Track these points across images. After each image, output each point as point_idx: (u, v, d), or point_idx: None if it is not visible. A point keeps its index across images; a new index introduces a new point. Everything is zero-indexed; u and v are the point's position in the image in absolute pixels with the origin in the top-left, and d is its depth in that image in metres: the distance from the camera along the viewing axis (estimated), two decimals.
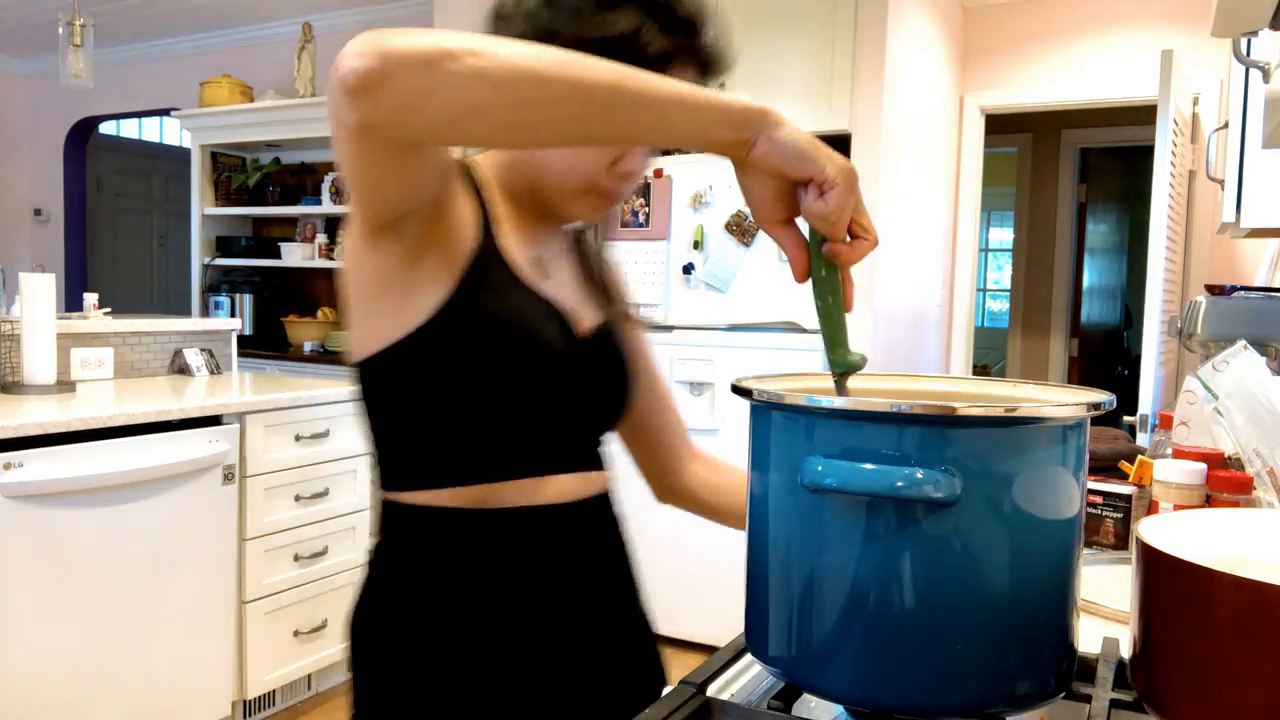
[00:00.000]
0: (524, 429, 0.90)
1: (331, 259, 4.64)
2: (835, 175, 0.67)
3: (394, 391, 0.88)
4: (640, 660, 1.03)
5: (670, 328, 3.38)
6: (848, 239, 0.71)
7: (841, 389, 0.73)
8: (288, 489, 2.73)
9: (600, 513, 0.99)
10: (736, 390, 0.70)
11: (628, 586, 1.02)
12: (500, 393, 0.87)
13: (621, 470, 1.12)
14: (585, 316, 0.98)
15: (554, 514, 0.92)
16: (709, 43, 0.91)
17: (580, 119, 0.69)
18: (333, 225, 4.87)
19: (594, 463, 0.98)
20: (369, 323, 0.87)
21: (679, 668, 0.79)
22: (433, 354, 0.85)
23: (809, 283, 0.73)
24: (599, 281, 1.03)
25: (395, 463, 0.91)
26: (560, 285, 0.97)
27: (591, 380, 0.96)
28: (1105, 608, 1.01)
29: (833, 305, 0.73)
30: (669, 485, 1.14)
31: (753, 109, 0.69)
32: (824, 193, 0.68)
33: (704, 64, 0.91)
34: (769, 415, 0.67)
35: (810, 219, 0.70)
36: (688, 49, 0.88)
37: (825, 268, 0.72)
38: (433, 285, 0.85)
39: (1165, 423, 1.58)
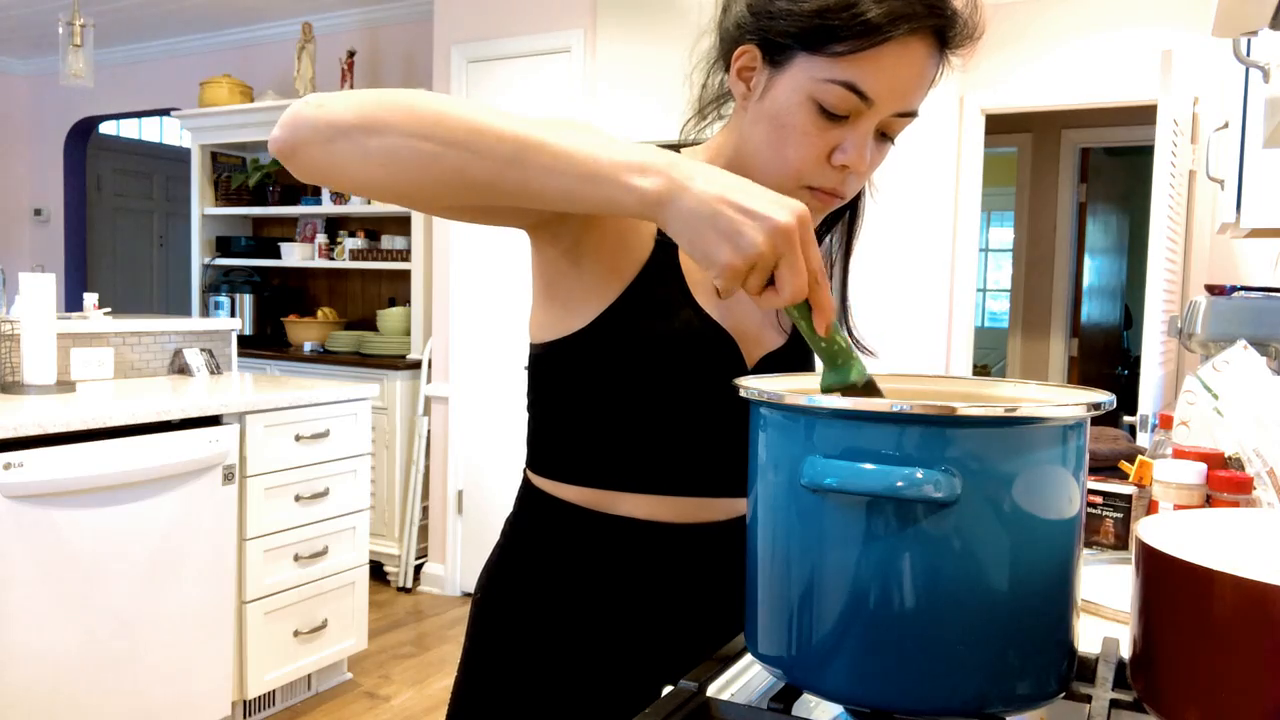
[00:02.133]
0: (658, 448, 0.89)
1: (331, 259, 4.63)
2: (721, 260, 0.67)
3: (549, 385, 0.91)
4: None
5: None
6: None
7: None
8: (288, 489, 2.73)
9: (714, 540, 0.93)
10: (737, 390, 0.70)
11: (713, 621, 0.95)
12: (642, 410, 0.87)
13: None
14: (765, 341, 0.93)
15: (663, 532, 0.91)
16: (948, 8, 0.80)
17: (472, 193, 0.70)
18: (333, 225, 4.87)
19: (722, 488, 0.93)
20: (539, 315, 0.91)
21: None
22: (587, 360, 0.86)
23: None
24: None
25: (538, 448, 0.95)
26: (745, 302, 0.91)
27: (739, 409, 0.94)
28: (1105, 608, 1.01)
29: (808, 332, 0.74)
30: None
31: (648, 196, 0.67)
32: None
33: (941, 31, 0.80)
34: (769, 415, 0.67)
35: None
36: (918, 14, 0.78)
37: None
38: (597, 292, 0.85)
39: (1165, 423, 1.58)
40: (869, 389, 0.74)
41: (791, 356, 0.96)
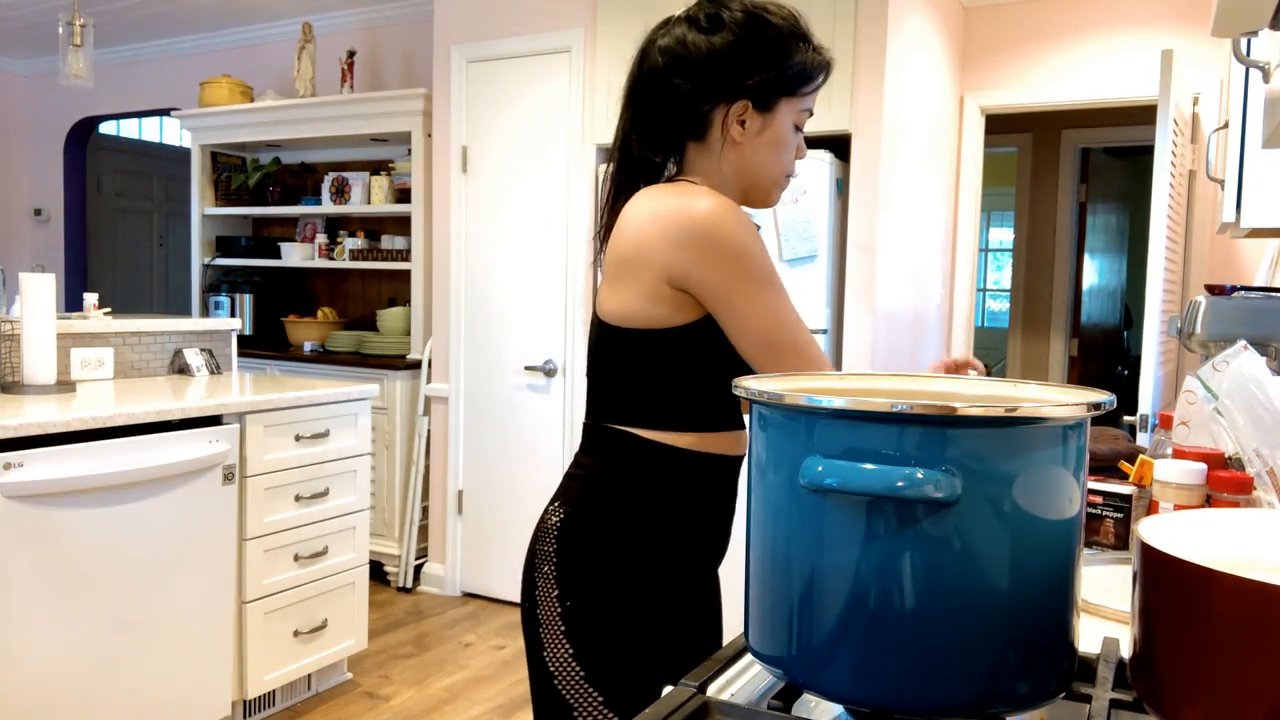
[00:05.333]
0: (730, 397, 1.24)
1: (331, 259, 4.63)
2: None
3: (654, 357, 1.21)
4: (716, 599, 1.37)
5: None
6: None
7: None
8: (288, 489, 2.73)
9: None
10: (737, 390, 0.70)
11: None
12: (724, 373, 1.22)
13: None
14: None
15: (729, 464, 1.28)
16: (829, 54, 1.30)
17: None
18: (333, 225, 4.87)
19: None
20: (639, 306, 1.20)
21: None
22: (686, 343, 1.20)
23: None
24: None
25: (640, 405, 1.23)
26: None
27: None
28: (1105, 608, 1.01)
29: None
30: None
31: None
32: None
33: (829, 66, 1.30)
34: (769, 415, 0.67)
35: None
36: (828, 63, 1.28)
37: None
38: (693, 307, 1.20)
39: (1165, 423, 1.58)
40: None
41: None
